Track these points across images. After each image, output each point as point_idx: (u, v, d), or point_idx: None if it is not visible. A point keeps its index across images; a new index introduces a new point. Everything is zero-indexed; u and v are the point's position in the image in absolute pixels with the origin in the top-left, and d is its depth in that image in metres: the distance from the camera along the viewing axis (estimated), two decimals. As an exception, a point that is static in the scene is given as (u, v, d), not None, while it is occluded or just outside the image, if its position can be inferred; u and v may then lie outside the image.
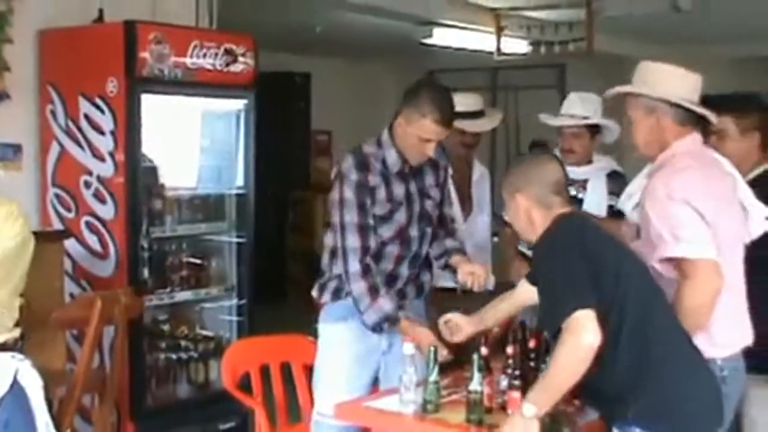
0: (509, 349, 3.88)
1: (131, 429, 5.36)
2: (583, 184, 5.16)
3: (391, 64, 13.64)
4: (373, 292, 4.18)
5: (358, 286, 4.20)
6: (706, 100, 9.20)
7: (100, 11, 5.79)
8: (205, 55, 5.71)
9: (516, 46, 9.42)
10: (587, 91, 11.65)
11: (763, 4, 8.62)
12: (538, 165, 3.70)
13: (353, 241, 4.21)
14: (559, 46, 9.03)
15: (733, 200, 3.82)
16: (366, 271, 4.19)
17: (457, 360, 4.09)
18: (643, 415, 3.26)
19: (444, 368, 3.90)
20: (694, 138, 3.85)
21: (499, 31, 9.09)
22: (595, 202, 5.14)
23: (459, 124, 5.11)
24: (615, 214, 4.94)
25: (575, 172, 5.05)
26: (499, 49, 9.20)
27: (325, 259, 4.43)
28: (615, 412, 3.36)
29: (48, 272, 4.80)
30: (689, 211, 3.53)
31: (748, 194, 3.92)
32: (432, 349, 3.86)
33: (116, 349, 4.93)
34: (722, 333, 3.59)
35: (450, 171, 4.66)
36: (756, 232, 3.94)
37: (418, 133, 4.22)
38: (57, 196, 5.78)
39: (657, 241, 3.57)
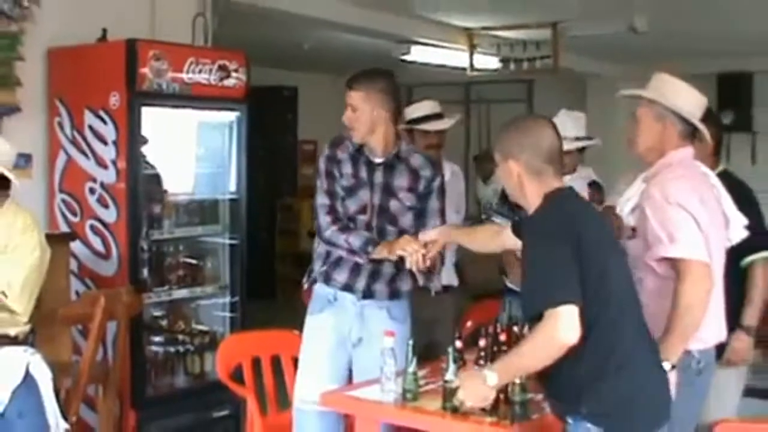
0: (481, 342, 3.91)
1: (133, 417, 5.35)
2: None
3: (373, 78, 13.66)
4: (346, 229, 4.27)
5: (330, 231, 4.28)
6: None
7: (104, 31, 5.78)
8: (200, 71, 5.70)
9: (487, 62, 9.44)
10: (552, 104, 11.70)
11: (708, 27, 8.71)
12: (532, 131, 3.39)
13: (322, 200, 4.36)
14: (527, 63, 9.04)
15: (717, 209, 3.84)
16: (334, 220, 4.29)
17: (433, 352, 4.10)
18: (596, 411, 3.13)
19: (420, 360, 3.93)
20: (688, 151, 3.87)
21: (472, 49, 9.11)
22: None
23: (421, 126, 5.35)
24: None
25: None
26: (471, 65, 9.22)
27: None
28: (571, 406, 3.21)
29: (55, 272, 4.79)
30: (685, 214, 3.56)
31: (729, 204, 3.95)
32: (410, 343, 3.89)
33: (118, 342, 4.94)
34: (703, 328, 3.57)
35: (440, 180, 4.51)
36: (735, 239, 4.00)
37: None
38: (64, 201, 5.77)
39: (654, 242, 3.60)
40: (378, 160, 4.36)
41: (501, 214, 5.22)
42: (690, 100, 3.92)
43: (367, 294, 4.33)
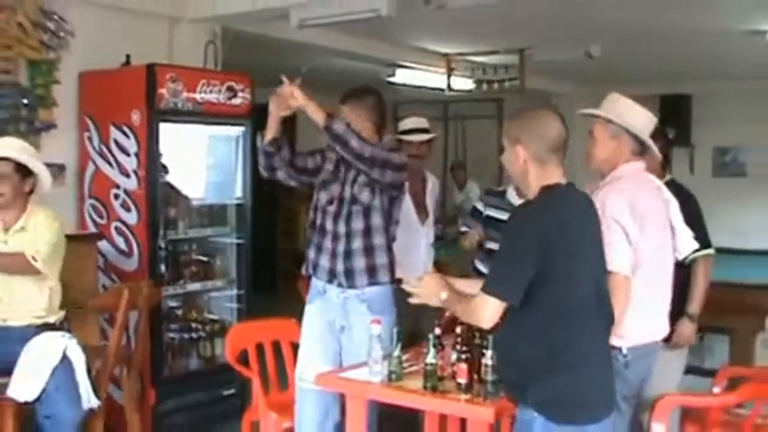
0: (458, 329, 3.92)
1: (152, 393, 5.37)
2: None
3: (362, 97, 13.65)
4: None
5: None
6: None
7: (128, 56, 5.79)
8: (211, 91, 5.72)
9: (463, 84, 9.45)
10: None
11: (654, 55, 8.76)
12: (542, 120, 3.23)
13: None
14: (498, 85, 9.05)
15: (662, 220, 3.83)
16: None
17: (418, 337, 4.11)
18: (540, 400, 2.98)
19: (405, 345, 3.95)
20: (639, 165, 3.85)
21: (450, 72, 9.11)
22: None
23: (407, 137, 5.41)
24: None
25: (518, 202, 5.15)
26: (449, 86, 9.22)
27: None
28: (518, 396, 3.10)
29: (85, 267, 4.82)
30: (616, 227, 3.53)
31: (679, 219, 3.98)
32: (395, 330, 3.91)
33: (140, 329, 4.95)
34: (629, 326, 3.53)
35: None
36: (686, 250, 4.03)
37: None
38: (92, 205, 5.79)
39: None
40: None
41: (470, 220, 5.34)
42: (641, 119, 3.91)
43: (348, 276, 4.29)
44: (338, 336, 4.39)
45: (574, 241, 3.04)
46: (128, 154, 5.55)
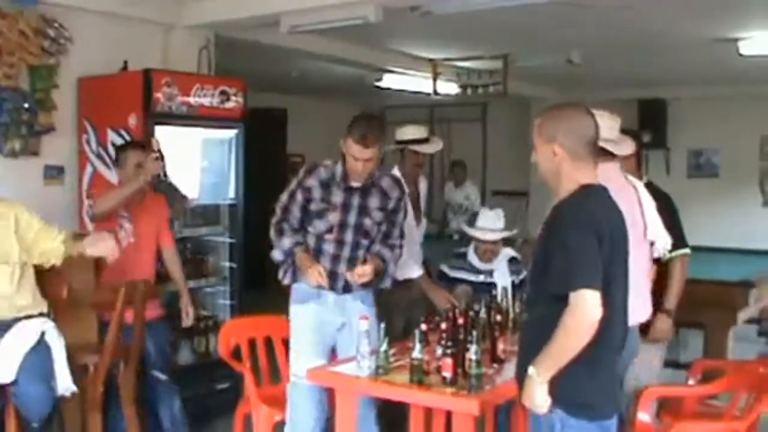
0: (443, 325, 3.94)
1: (148, 388, 5.36)
2: (491, 272, 5.33)
3: (352, 101, 13.63)
4: (279, 233, 4.48)
5: (272, 231, 4.53)
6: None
7: (125, 62, 5.81)
8: (204, 95, 5.73)
9: (448, 88, 9.45)
10: (502, 123, 11.67)
11: (632, 61, 8.81)
12: (577, 118, 3.12)
13: (278, 210, 4.52)
14: (482, 89, 9.04)
15: (635, 218, 3.88)
16: (279, 222, 4.50)
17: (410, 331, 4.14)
18: (561, 394, 2.91)
19: (392, 340, 3.97)
20: (606, 166, 3.72)
21: (435, 77, 9.11)
22: (502, 282, 5.21)
23: (412, 147, 5.30)
24: (516, 286, 5.14)
25: (486, 265, 5.38)
26: (435, 90, 9.22)
27: None
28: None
29: (83, 265, 4.79)
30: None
31: (656, 218, 4.07)
32: (383, 326, 3.92)
33: (136, 326, 4.93)
34: None
35: (404, 195, 4.55)
36: (663, 250, 4.15)
37: (349, 152, 4.25)
38: (90, 206, 5.74)
39: None
40: (356, 185, 4.35)
41: (441, 281, 5.46)
42: (602, 124, 3.92)
43: (346, 289, 4.38)
44: (334, 334, 4.42)
45: (613, 240, 2.96)
46: (125, 157, 5.53)
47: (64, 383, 4.25)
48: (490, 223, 5.42)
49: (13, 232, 4.30)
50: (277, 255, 4.49)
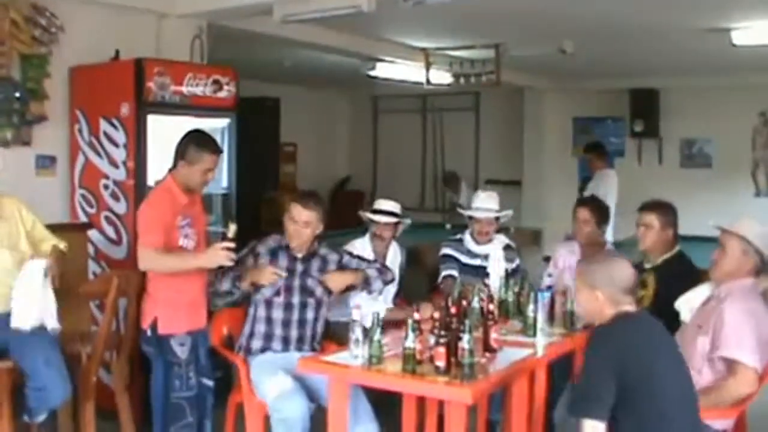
0: (436, 315, 3.95)
1: (141, 377, 5.35)
2: (485, 256, 5.46)
3: (344, 90, 13.66)
4: (222, 276, 4.68)
5: (215, 282, 4.70)
6: (599, 145, 9.38)
7: (117, 51, 5.77)
8: (197, 84, 5.69)
9: (441, 77, 9.44)
10: (495, 112, 11.68)
11: (624, 51, 8.80)
12: (618, 268, 3.47)
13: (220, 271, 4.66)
14: (475, 78, 9.01)
15: None
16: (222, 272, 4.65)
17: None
18: None
19: (384, 329, 3.98)
20: (752, 282, 4.07)
21: (428, 66, 9.10)
22: (495, 268, 5.41)
23: (374, 217, 5.51)
24: (509, 274, 5.28)
25: (481, 249, 5.58)
26: (428, 79, 9.20)
27: None
28: None
29: (76, 255, 4.81)
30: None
31: None
32: (376, 314, 3.93)
33: (129, 315, 4.93)
34: None
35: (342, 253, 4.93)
36: None
37: (289, 215, 4.66)
38: (82, 196, 5.75)
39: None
40: (300, 255, 4.74)
41: (448, 264, 5.62)
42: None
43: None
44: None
45: (648, 361, 3.26)
46: (117, 146, 5.52)
47: (52, 320, 4.34)
48: (484, 204, 5.54)
49: (20, 224, 4.42)
50: (225, 285, 4.68)
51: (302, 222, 4.62)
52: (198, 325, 4.67)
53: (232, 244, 4.31)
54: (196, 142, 4.63)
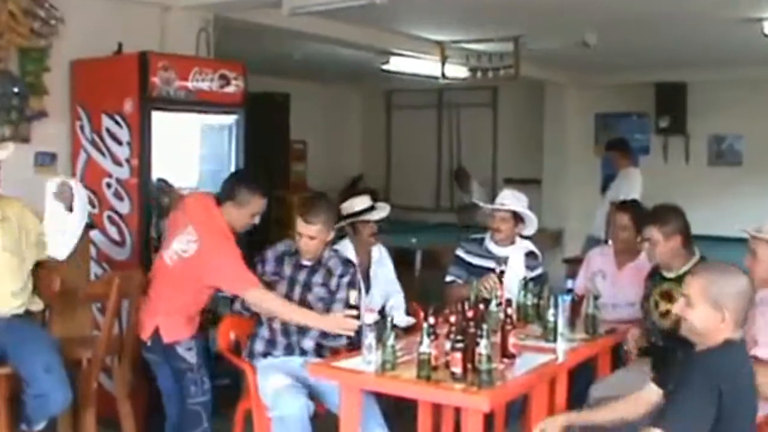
0: (452, 319, 3.94)
1: (144, 384, 5.36)
2: (505, 260, 5.32)
3: (356, 85, 13.64)
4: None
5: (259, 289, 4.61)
6: (622, 141, 9.34)
7: (120, 45, 5.78)
8: (203, 79, 5.71)
9: (457, 71, 9.42)
10: (514, 108, 11.70)
11: (650, 43, 8.75)
12: (746, 285, 3.20)
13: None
14: (492, 72, 9.00)
15: None
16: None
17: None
18: None
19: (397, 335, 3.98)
20: None
21: (444, 60, 9.08)
22: (514, 274, 5.30)
23: (363, 217, 5.45)
24: (528, 281, 5.21)
25: (501, 250, 5.48)
26: (443, 74, 9.19)
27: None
28: None
29: (77, 256, 4.80)
30: None
31: None
32: (389, 319, 3.93)
33: (131, 318, 4.94)
34: None
35: (350, 275, 4.81)
36: None
37: (297, 228, 4.68)
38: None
39: None
40: (306, 263, 4.75)
41: (455, 269, 5.56)
42: None
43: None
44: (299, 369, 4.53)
45: (746, 396, 3.16)
46: (120, 143, 5.54)
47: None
48: (501, 199, 5.49)
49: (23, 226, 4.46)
50: (236, 306, 4.82)
51: (307, 236, 4.64)
52: (197, 330, 4.79)
53: (354, 312, 4.30)
54: (247, 183, 4.71)
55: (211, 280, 4.59)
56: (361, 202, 5.55)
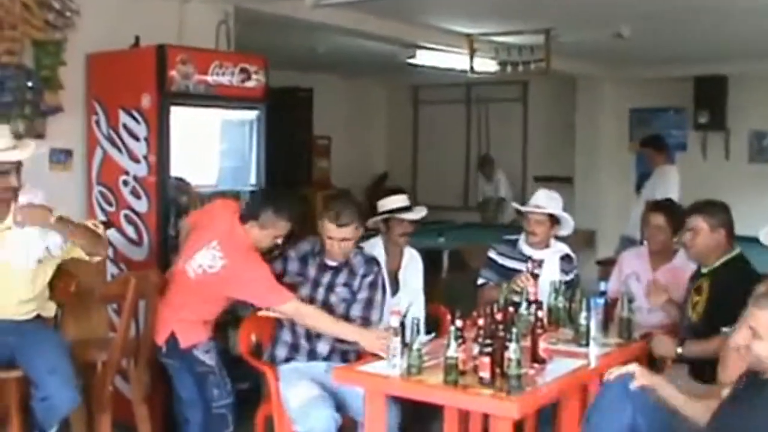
0: (480, 321, 3.92)
1: (162, 387, 5.37)
2: (540, 263, 5.18)
3: (381, 79, 13.64)
4: None
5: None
6: (658, 138, 9.27)
7: (137, 38, 5.78)
8: (223, 73, 5.71)
9: (486, 65, 9.39)
10: (545, 103, 11.66)
11: (688, 34, 8.68)
12: None
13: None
14: (523, 66, 8.98)
15: None
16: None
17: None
18: None
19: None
20: None
21: (472, 53, 9.05)
22: (548, 278, 5.19)
23: (400, 216, 5.42)
24: (566, 284, 5.21)
25: (535, 253, 5.35)
26: (472, 68, 9.16)
27: None
28: None
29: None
30: None
31: None
32: (415, 320, 3.91)
33: (148, 320, 4.94)
34: None
35: (374, 275, 4.77)
36: None
37: (325, 233, 4.62)
38: (101, 193, 5.78)
39: None
40: (331, 264, 4.71)
41: (487, 272, 5.53)
42: None
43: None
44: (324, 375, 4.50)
45: None
46: (138, 139, 5.54)
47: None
48: (537, 201, 5.44)
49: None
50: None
51: (339, 239, 4.59)
52: (213, 332, 4.83)
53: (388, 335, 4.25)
54: (275, 206, 4.68)
55: (241, 295, 4.63)
56: (398, 200, 5.53)
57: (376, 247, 5.38)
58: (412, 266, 5.54)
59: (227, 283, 4.54)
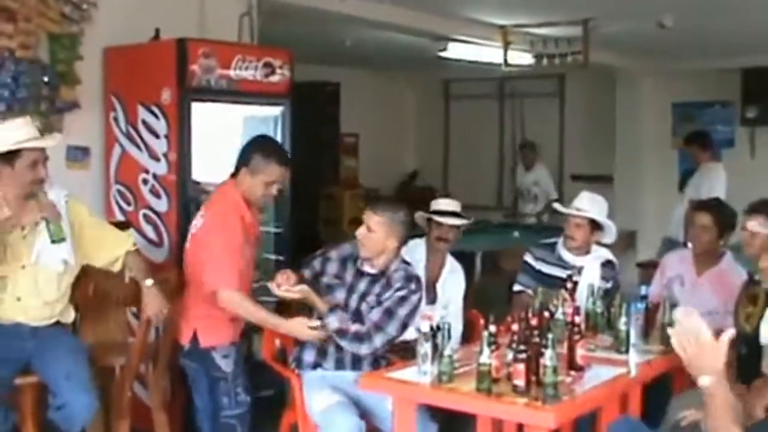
0: (514, 327, 3.90)
1: (182, 393, 5.38)
2: (579, 270, 5.19)
3: (411, 74, 13.64)
4: None
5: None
6: (703, 134, 9.18)
7: (157, 30, 5.81)
8: (247, 68, 5.72)
9: (521, 58, 9.39)
10: (582, 97, 11.60)
11: (734, 23, 8.60)
12: None
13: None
14: (559, 59, 8.97)
15: None
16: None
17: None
18: None
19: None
20: None
21: (506, 46, 9.05)
22: (587, 286, 5.11)
23: (438, 218, 5.42)
24: (606, 292, 5.14)
25: (575, 259, 5.34)
26: (506, 61, 9.17)
27: None
28: None
29: (111, 258, 4.84)
30: None
31: None
32: (446, 326, 3.90)
33: (167, 323, 4.96)
34: None
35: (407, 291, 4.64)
36: None
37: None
38: (119, 191, 5.82)
39: None
40: (370, 271, 4.63)
41: (523, 278, 5.50)
42: None
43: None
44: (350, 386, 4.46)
45: None
46: (158, 137, 5.56)
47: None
48: (578, 203, 5.38)
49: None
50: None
51: (366, 226, 4.54)
52: (238, 336, 4.79)
53: (316, 323, 4.41)
54: (262, 149, 4.69)
55: (200, 258, 4.60)
56: (443, 203, 5.59)
57: (418, 247, 5.41)
58: (453, 279, 5.51)
59: (199, 245, 4.59)
